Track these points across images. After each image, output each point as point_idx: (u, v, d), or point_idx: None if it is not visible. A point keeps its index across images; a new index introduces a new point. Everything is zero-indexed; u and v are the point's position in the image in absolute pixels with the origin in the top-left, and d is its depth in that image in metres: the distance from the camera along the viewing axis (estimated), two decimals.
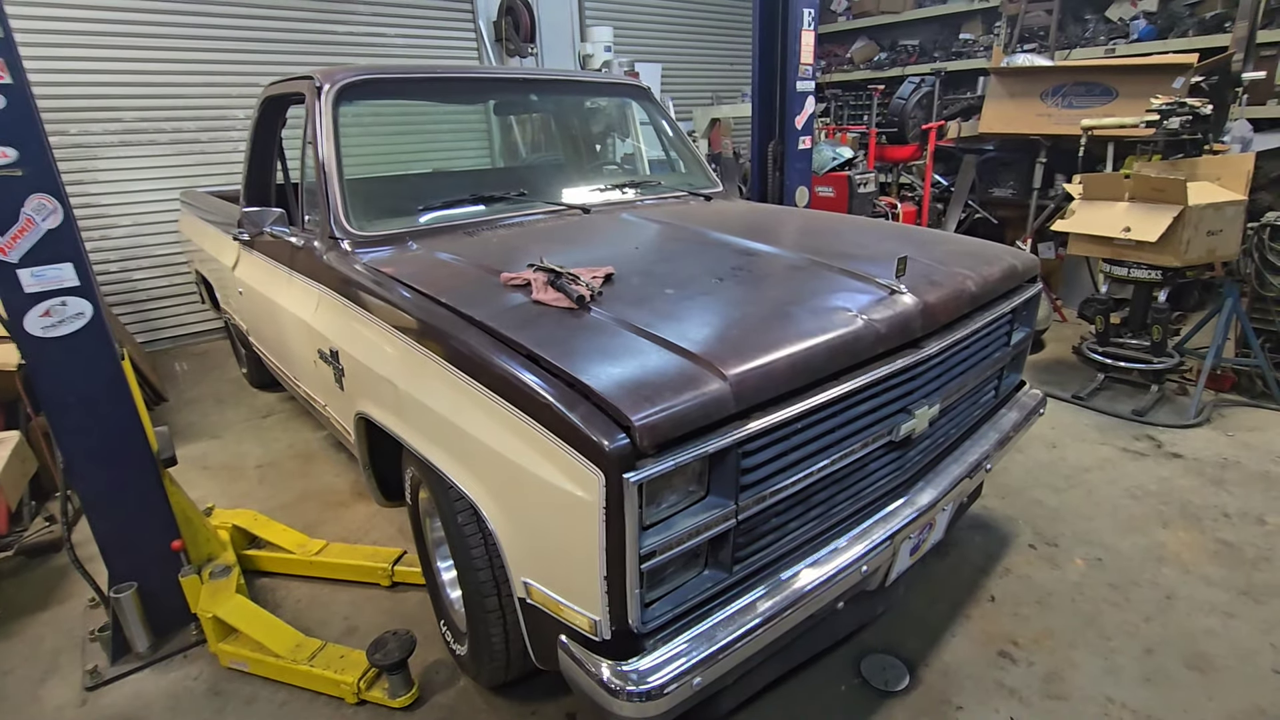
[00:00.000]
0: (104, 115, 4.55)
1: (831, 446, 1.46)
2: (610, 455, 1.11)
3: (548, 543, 1.31)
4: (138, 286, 4.91)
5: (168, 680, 1.98)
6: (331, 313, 2.02)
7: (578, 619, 1.27)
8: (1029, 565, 2.33)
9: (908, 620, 2.08)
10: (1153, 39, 5.68)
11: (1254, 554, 2.36)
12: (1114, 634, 2.02)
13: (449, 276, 1.81)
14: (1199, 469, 2.90)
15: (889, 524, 1.61)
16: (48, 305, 1.73)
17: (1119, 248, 3.32)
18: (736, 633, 1.31)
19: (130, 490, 1.96)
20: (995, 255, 2.06)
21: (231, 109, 5.00)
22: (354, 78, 2.31)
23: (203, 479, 3.13)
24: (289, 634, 1.99)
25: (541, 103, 3.35)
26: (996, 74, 5.12)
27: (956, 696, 1.82)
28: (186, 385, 4.35)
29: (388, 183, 3.11)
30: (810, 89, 3.72)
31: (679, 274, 1.78)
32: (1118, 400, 3.56)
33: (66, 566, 2.51)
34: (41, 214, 1.67)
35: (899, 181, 5.78)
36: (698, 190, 2.90)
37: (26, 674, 2.04)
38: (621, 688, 1.20)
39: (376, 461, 2.02)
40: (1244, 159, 3.35)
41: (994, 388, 2.11)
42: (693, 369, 1.27)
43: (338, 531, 2.67)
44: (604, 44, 6.24)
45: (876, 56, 8.06)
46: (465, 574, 1.62)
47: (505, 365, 1.32)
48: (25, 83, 1.63)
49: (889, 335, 1.53)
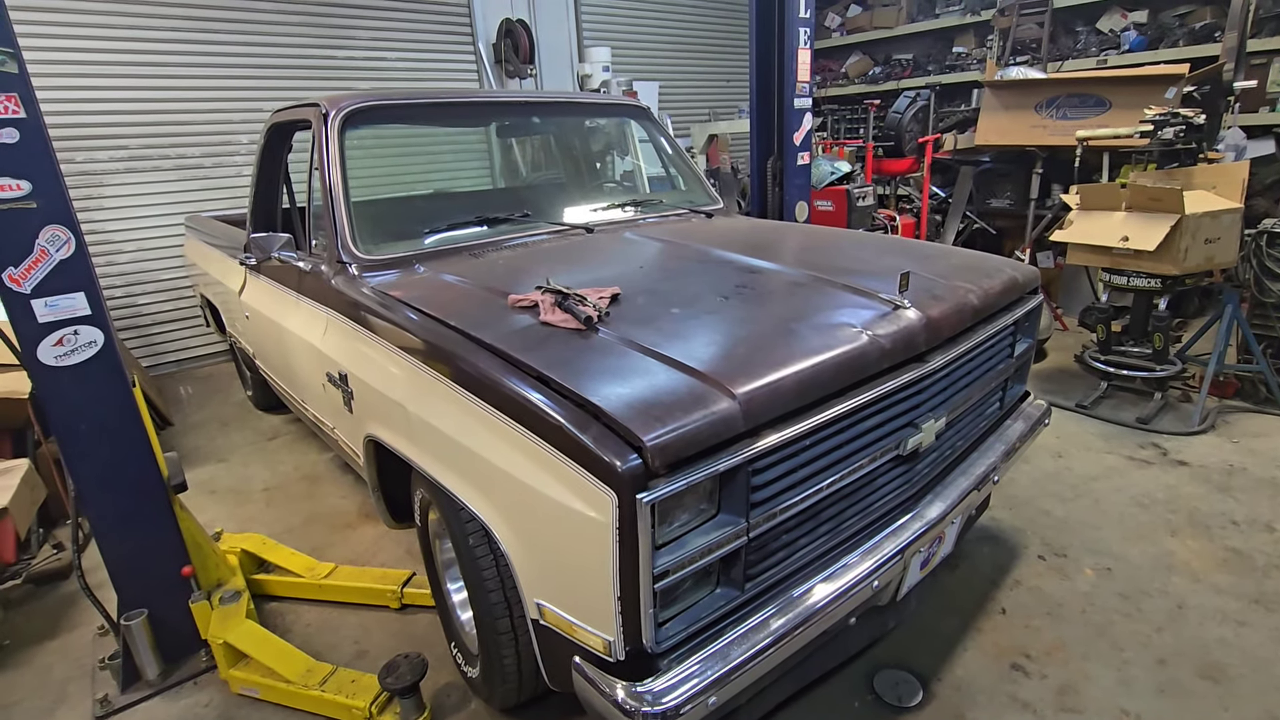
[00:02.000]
0: (109, 143, 4.60)
1: (840, 462, 1.47)
2: (623, 475, 1.12)
3: (560, 563, 1.32)
4: (143, 311, 4.94)
5: (178, 708, 1.97)
6: (340, 336, 2.04)
7: (591, 639, 1.27)
8: (1038, 576, 2.32)
9: (919, 635, 2.07)
10: (1143, 49, 5.75)
11: (1264, 561, 2.35)
12: (1126, 645, 2.01)
13: (456, 299, 1.82)
14: (1205, 476, 2.90)
15: (899, 538, 1.62)
16: (60, 334, 1.74)
17: (1118, 257, 3.34)
18: (750, 651, 1.31)
19: (141, 516, 1.97)
20: (996, 268, 2.08)
21: (235, 134, 5.06)
22: (359, 104, 2.35)
23: (210, 503, 3.13)
24: (300, 659, 1.99)
25: (543, 124, 3.39)
26: (990, 86, 5.17)
27: (970, 711, 1.81)
28: (192, 409, 4.36)
29: (393, 205, 3.14)
30: (807, 106, 3.76)
31: (684, 293, 1.80)
32: (1121, 408, 3.56)
33: (74, 594, 2.50)
34: (55, 245, 1.69)
35: (897, 194, 5.82)
36: (699, 208, 2.93)
37: (36, 704, 2.03)
38: (637, 709, 1.20)
39: (385, 484, 2.03)
40: (1239, 167, 3.38)
41: (999, 399, 2.12)
42: (702, 388, 1.28)
43: (346, 554, 2.67)
44: (602, 64, 6.31)
45: (871, 71, 8.15)
46: (477, 595, 1.63)
47: (516, 387, 1.33)
48: (39, 115, 1.66)
49: (894, 350, 1.54)
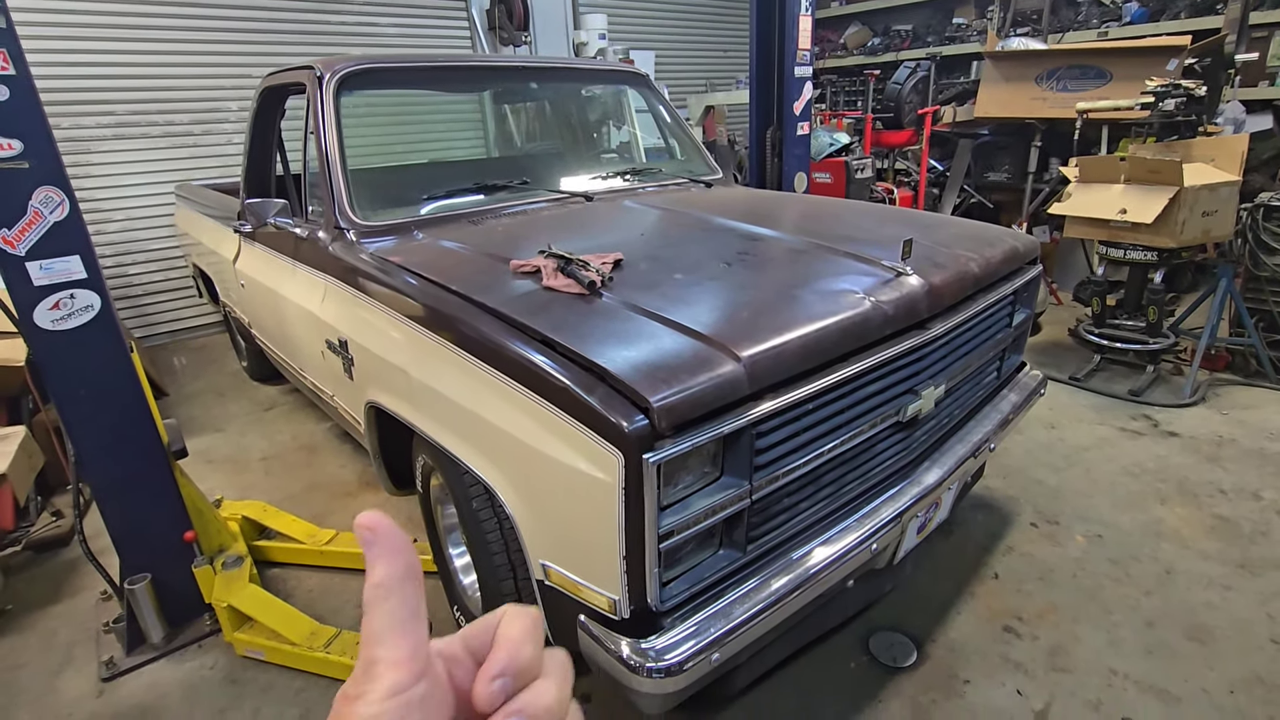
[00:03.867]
0: (95, 109, 4.50)
1: (841, 427, 1.48)
2: (629, 436, 1.13)
3: (566, 524, 1.33)
4: (134, 281, 4.88)
5: (184, 670, 2.00)
6: (339, 303, 2.03)
7: (597, 599, 1.29)
8: (1031, 543, 2.37)
9: (914, 598, 2.12)
10: (1145, 21, 5.69)
11: (1250, 528, 2.40)
12: (1115, 608, 2.06)
13: (458, 264, 1.81)
14: (1195, 447, 2.95)
15: (897, 503, 1.64)
16: (57, 298, 1.73)
17: (1115, 230, 3.35)
18: (752, 610, 1.33)
19: (142, 482, 1.97)
20: (997, 237, 2.08)
21: (224, 101, 4.96)
22: (355, 67, 2.30)
23: (208, 471, 3.13)
24: (304, 622, 2.01)
25: (541, 91, 3.34)
26: (991, 58, 5.13)
27: (963, 671, 1.86)
28: (186, 380, 4.34)
29: (390, 173, 3.10)
30: (808, 74, 3.72)
31: (686, 259, 1.79)
32: (1114, 381, 3.60)
33: (75, 561, 2.52)
34: (49, 206, 1.66)
35: (895, 167, 5.79)
36: (698, 177, 2.91)
37: (42, 666, 2.05)
38: (641, 664, 1.23)
39: (386, 451, 2.04)
40: (1238, 140, 3.38)
41: (996, 369, 2.14)
42: (707, 351, 1.28)
43: (346, 521, 2.68)
44: (598, 31, 6.20)
45: (870, 42, 8.04)
46: (481, 559, 1.64)
47: (521, 350, 1.33)
48: (28, 73, 1.62)
49: (896, 316, 1.55)
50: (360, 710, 0.28)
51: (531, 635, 0.34)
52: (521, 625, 0.34)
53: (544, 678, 0.33)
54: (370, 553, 0.31)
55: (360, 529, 0.31)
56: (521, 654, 0.33)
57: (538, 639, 0.34)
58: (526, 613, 0.35)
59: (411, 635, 0.30)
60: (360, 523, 0.32)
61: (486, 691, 0.31)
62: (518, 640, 0.33)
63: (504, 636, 0.34)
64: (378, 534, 0.31)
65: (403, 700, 0.29)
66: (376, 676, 0.29)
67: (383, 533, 0.31)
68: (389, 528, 0.31)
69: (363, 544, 0.31)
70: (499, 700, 0.31)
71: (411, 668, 0.29)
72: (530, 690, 0.32)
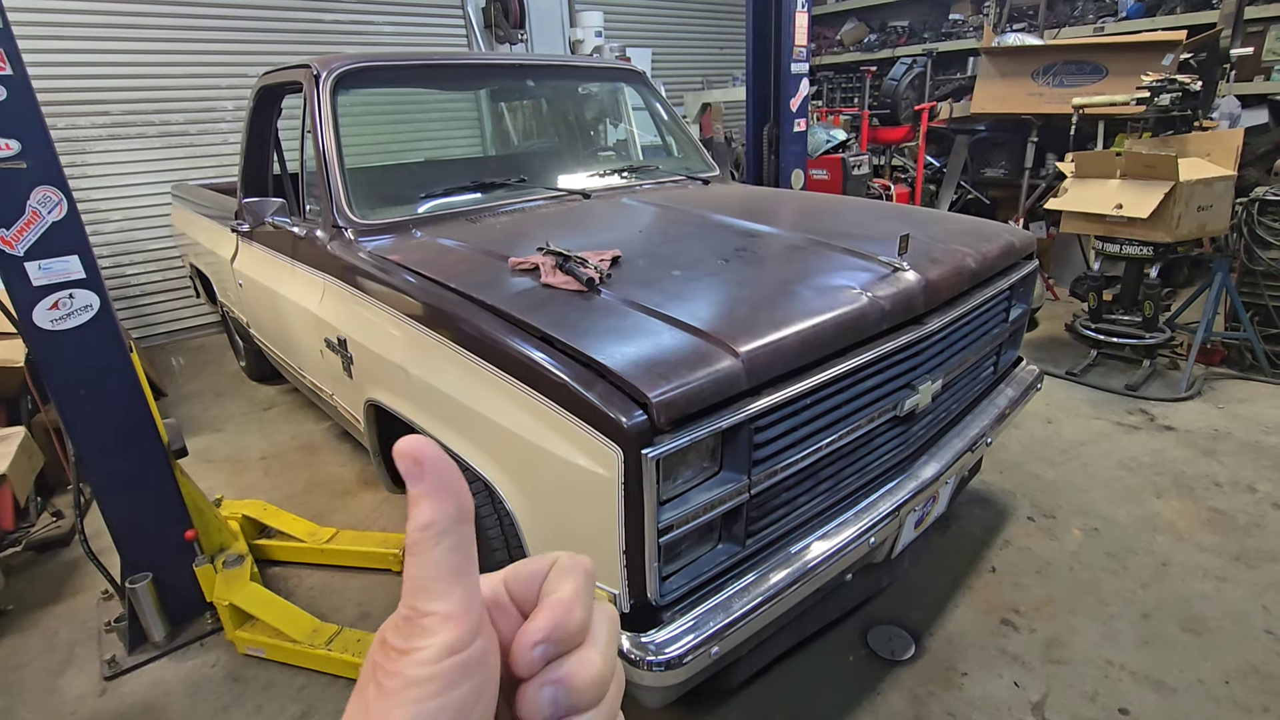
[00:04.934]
0: (91, 109, 4.49)
1: (839, 422, 1.49)
2: (629, 432, 1.14)
3: (566, 519, 1.34)
4: (131, 282, 4.87)
5: (186, 668, 2.00)
6: (338, 301, 2.03)
7: (597, 593, 1.30)
8: (1028, 537, 2.38)
9: (912, 592, 2.13)
10: (1141, 16, 5.70)
11: (1245, 521, 2.42)
12: (1112, 600, 2.07)
13: (456, 262, 1.82)
14: (1191, 440, 2.96)
15: (894, 497, 1.65)
16: (55, 298, 1.73)
17: (1111, 225, 3.36)
18: (751, 604, 1.34)
19: (142, 481, 1.98)
20: (993, 232, 2.09)
21: (219, 100, 4.95)
22: (352, 65, 2.30)
23: (208, 471, 3.13)
24: (305, 620, 2.02)
25: (538, 88, 3.34)
26: (987, 54, 5.13)
27: (961, 663, 1.87)
28: (184, 380, 4.34)
29: (388, 171, 3.10)
30: (804, 71, 3.73)
31: (684, 256, 1.80)
32: (1110, 375, 3.61)
33: (76, 561, 2.52)
34: (47, 206, 1.67)
35: (892, 163, 5.80)
36: (695, 174, 2.91)
37: (44, 665, 2.05)
38: (641, 658, 1.23)
39: (386, 448, 2.04)
40: (1233, 135, 3.39)
41: (993, 364, 2.15)
42: (705, 347, 1.29)
43: (346, 519, 2.69)
44: (594, 29, 6.20)
45: (866, 38, 8.05)
46: (481, 555, 1.65)
47: (520, 347, 1.34)
48: (25, 73, 1.63)
49: (893, 312, 1.56)
50: (411, 672, 0.25)
51: (582, 597, 0.30)
52: (573, 586, 0.30)
53: (589, 645, 0.30)
54: (416, 489, 0.27)
55: (403, 458, 0.27)
56: (570, 620, 0.29)
57: (588, 599, 0.30)
58: (579, 567, 0.31)
59: (466, 585, 0.27)
60: (403, 450, 0.27)
61: (527, 658, 0.28)
62: (567, 604, 0.29)
63: (553, 597, 0.30)
64: (425, 466, 0.27)
65: (460, 661, 0.25)
66: (428, 630, 0.26)
67: (430, 464, 0.27)
68: (437, 457, 0.27)
69: (407, 477, 0.27)
70: (538, 667, 0.28)
71: (467, 622, 0.26)
72: (575, 658, 0.29)
